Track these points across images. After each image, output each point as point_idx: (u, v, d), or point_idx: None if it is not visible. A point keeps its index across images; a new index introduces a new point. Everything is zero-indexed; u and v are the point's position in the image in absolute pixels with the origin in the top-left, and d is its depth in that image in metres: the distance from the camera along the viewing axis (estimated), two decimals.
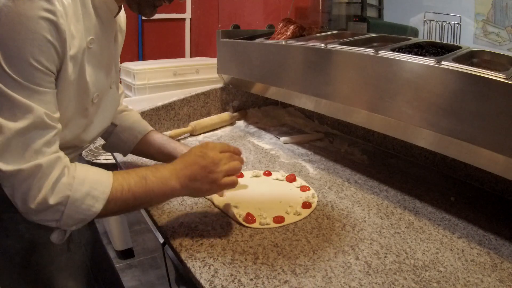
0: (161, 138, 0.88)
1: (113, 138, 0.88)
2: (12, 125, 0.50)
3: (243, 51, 1.18)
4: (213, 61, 1.51)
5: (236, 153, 0.69)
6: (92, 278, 0.80)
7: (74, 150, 0.70)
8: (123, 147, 0.88)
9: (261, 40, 1.18)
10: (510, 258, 0.64)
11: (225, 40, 1.25)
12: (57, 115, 0.56)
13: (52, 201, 0.52)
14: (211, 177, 0.63)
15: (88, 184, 0.55)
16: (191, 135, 1.21)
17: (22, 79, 0.51)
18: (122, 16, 0.79)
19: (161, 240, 0.77)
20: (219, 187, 0.65)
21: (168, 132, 1.15)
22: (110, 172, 0.59)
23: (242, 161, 0.69)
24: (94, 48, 0.62)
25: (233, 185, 0.66)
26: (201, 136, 1.20)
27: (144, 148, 0.88)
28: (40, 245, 0.70)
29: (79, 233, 0.78)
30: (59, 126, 0.56)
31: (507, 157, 0.59)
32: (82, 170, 0.56)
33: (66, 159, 0.56)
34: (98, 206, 0.55)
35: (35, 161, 0.52)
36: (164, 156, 0.86)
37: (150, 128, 0.89)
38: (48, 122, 0.53)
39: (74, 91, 0.60)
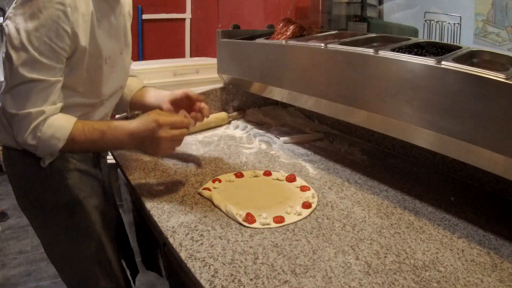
0: (152, 91, 1.02)
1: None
2: (28, 75, 0.70)
3: (243, 51, 1.18)
4: (213, 61, 1.50)
5: (181, 120, 0.82)
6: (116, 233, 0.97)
7: (95, 105, 0.86)
8: (123, 103, 1.02)
9: (261, 40, 1.18)
10: (510, 258, 0.64)
11: (225, 40, 1.25)
12: (60, 85, 0.75)
13: (29, 140, 0.73)
14: (156, 142, 0.78)
15: (52, 128, 0.74)
16: None
17: (50, 53, 0.71)
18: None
19: (161, 240, 0.77)
20: (163, 151, 0.81)
21: None
22: (74, 119, 0.77)
23: (188, 126, 0.83)
24: (103, 21, 0.80)
25: (171, 151, 0.83)
26: (201, 136, 1.20)
27: (138, 101, 1.02)
28: (81, 200, 0.86)
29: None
30: (59, 86, 0.75)
31: (507, 157, 0.59)
32: (54, 118, 0.74)
33: (49, 111, 0.74)
34: (60, 145, 0.75)
35: (28, 110, 0.71)
36: (143, 106, 1.01)
37: (141, 85, 1.05)
38: (54, 87, 0.73)
39: (88, 53, 0.77)
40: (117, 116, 1.16)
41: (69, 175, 0.84)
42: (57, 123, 0.74)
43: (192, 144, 1.13)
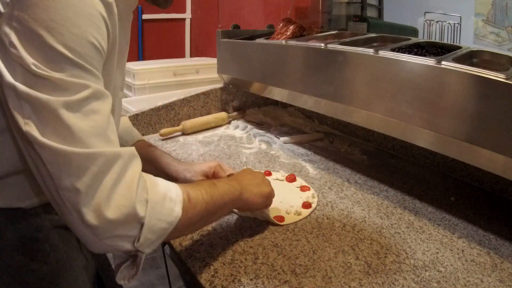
0: (152, 151, 0.80)
1: None
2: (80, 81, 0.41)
3: (243, 51, 1.18)
4: (213, 61, 1.50)
5: None
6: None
7: None
8: None
9: (261, 40, 1.18)
10: (510, 258, 0.64)
11: (225, 40, 1.25)
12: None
13: (139, 210, 0.41)
14: (265, 183, 0.67)
15: (161, 184, 0.45)
16: (183, 134, 1.21)
17: (79, 59, 0.41)
18: None
19: None
20: (272, 194, 0.67)
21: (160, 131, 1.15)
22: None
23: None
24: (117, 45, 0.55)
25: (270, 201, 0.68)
26: (201, 136, 1.20)
27: (153, 163, 0.79)
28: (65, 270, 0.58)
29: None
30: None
31: (507, 157, 0.59)
32: (136, 163, 0.45)
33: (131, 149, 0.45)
34: (178, 210, 0.46)
35: (113, 148, 0.42)
36: (156, 171, 0.77)
37: (139, 137, 0.83)
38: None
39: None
40: None
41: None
42: (150, 176, 0.46)
43: (192, 144, 1.13)
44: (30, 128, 0.40)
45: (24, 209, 0.53)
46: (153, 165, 0.77)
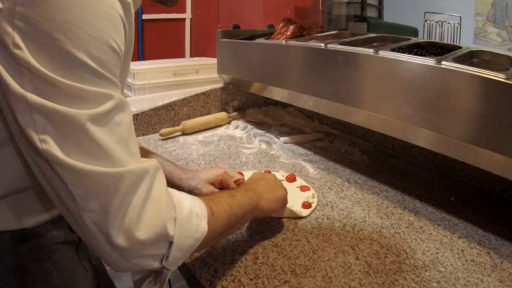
0: (179, 169, 0.76)
1: None
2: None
3: (243, 51, 1.18)
4: (213, 61, 1.50)
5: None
6: None
7: None
8: None
9: (261, 40, 1.18)
10: (510, 258, 0.64)
11: (225, 40, 1.25)
12: None
13: (170, 229, 0.39)
14: (280, 186, 0.67)
15: (185, 199, 0.44)
16: (183, 134, 1.21)
17: (100, 67, 0.38)
18: None
19: None
20: (284, 202, 0.67)
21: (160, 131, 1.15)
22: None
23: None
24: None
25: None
26: (201, 136, 1.20)
27: None
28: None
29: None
30: None
31: (507, 157, 0.59)
32: (160, 178, 0.43)
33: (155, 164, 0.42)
34: (204, 225, 0.44)
35: (140, 164, 0.39)
36: None
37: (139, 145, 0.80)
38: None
39: None
40: None
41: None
42: (174, 191, 0.45)
43: (192, 144, 1.13)
44: (49, 146, 0.35)
45: (25, 229, 0.49)
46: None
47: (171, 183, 0.73)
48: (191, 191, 0.70)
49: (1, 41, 0.35)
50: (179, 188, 0.73)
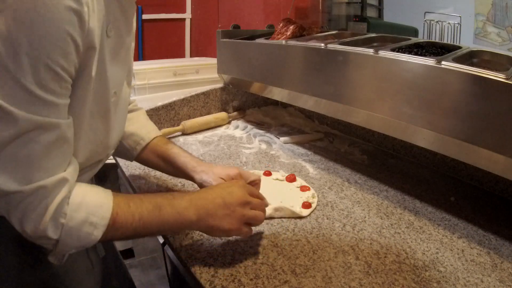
0: (170, 149, 0.76)
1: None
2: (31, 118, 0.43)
3: (243, 51, 1.18)
4: (213, 61, 1.50)
5: (261, 199, 0.64)
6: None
7: (98, 163, 0.63)
8: (126, 154, 0.78)
9: (261, 40, 1.18)
10: (510, 258, 0.64)
11: (225, 40, 1.25)
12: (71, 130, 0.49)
13: (50, 232, 0.46)
14: (233, 217, 0.57)
15: (84, 209, 0.48)
16: (183, 134, 1.21)
17: (40, 89, 0.42)
18: None
19: (161, 240, 0.77)
20: (238, 231, 0.59)
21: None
22: (109, 194, 0.52)
23: (264, 209, 0.64)
24: (112, 36, 0.53)
25: (250, 234, 0.61)
26: (201, 136, 1.20)
27: (149, 157, 0.77)
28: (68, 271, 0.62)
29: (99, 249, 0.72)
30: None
31: (507, 157, 0.59)
32: (79, 193, 0.49)
33: (71, 179, 0.48)
34: (97, 234, 0.49)
35: (39, 182, 0.45)
36: (173, 170, 0.76)
37: (155, 133, 0.79)
38: (67, 135, 0.47)
39: (93, 90, 0.51)
40: None
41: None
42: (89, 200, 0.49)
43: (192, 144, 1.13)
44: None
45: None
46: (170, 164, 0.75)
47: (184, 174, 0.74)
48: (201, 184, 0.72)
49: None
50: (191, 178, 0.74)
